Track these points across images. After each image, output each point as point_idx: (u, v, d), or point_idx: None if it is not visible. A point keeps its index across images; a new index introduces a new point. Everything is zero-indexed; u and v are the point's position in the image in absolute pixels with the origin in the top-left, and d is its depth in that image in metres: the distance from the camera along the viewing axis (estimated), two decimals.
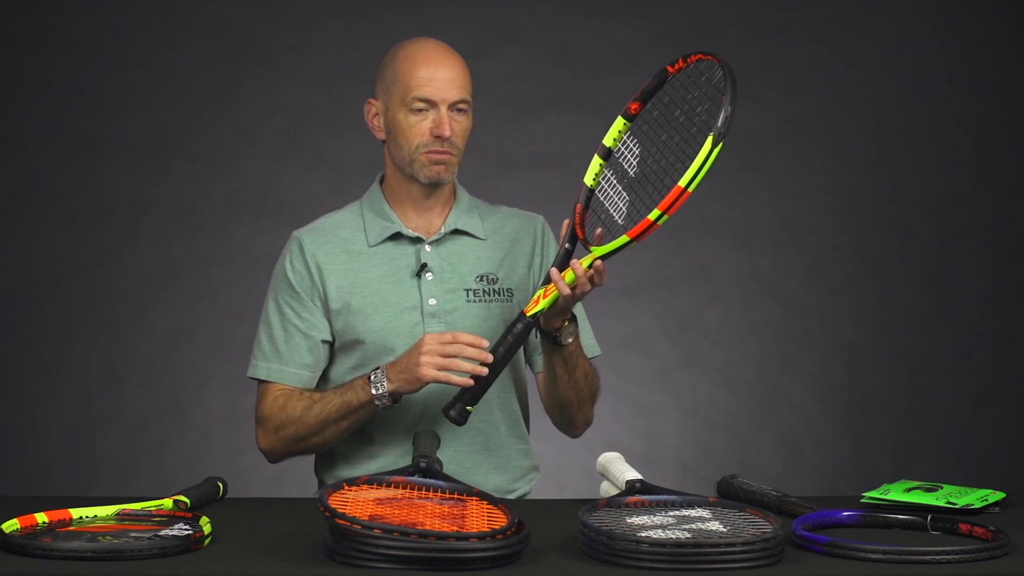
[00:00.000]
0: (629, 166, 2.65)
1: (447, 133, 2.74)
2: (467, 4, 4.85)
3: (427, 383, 2.63)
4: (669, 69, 2.65)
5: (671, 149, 2.59)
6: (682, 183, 2.48)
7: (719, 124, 2.47)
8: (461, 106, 2.77)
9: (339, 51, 4.77)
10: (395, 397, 2.68)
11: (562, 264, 2.62)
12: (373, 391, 2.67)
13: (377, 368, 2.69)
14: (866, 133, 4.89)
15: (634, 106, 2.68)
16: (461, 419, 2.59)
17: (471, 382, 2.60)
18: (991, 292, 4.88)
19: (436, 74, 2.75)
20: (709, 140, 2.47)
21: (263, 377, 2.81)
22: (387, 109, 2.79)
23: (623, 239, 2.55)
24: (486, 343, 2.61)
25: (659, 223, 2.51)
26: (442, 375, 2.61)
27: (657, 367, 4.87)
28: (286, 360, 2.79)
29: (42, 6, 4.75)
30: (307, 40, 4.82)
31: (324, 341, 2.81)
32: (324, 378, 2.85)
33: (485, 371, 2.60)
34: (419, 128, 2.76)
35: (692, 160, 2.48)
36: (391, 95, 2.78)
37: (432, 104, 2.75)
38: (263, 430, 2.79)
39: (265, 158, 4.82)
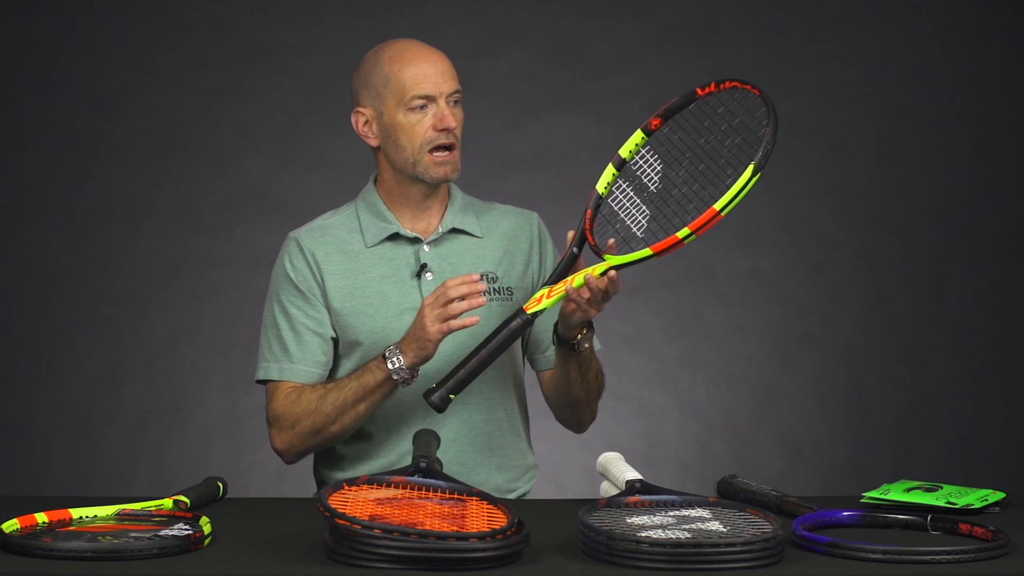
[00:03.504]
0: (650, 180, 2.64)
1: (452, 124, 2.75)
2: (467, 4, 4.85)
3: (438, 340, 2.63)
4: (699, 92, 2.62)
5: (700, 171, 2.58)
6: (717, 206, 2.48)
7: (760, 155, 2.46)
8: (456, 97, 2.78)
9: (339, 51, 4.76)
10: (413, 370, 2.68)
11: (567, 267, 2.62)
12: (390, 366, 2.67)
13: (389, 346, 2.69)
14: (866, 133, 4.89)
15: (655, 122, 2.66)
16: (442, 406, 2.57)
17: (477, 319, 2.61)
18: (991, 292, 4.88)
19: (428, 69, 2.76)
20: (750, 169, 2.46)
21: (274, 377, 2.78)
22: (380, 114, 2.78)
23: (645, 252, 2.54)
24: (475, 276, 2.62)
25: (686, 242, 2.51)
26: (446, 326, 2.62)
27: (658, 367, 4.87)
28: (297, 359, 2.78)
29: (42, 6, 4.75)
30: (307, 40, 4.82)
31: (332, 338, 2.80)
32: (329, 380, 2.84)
33: (484, 300, 2.61)
34: (421, 125, 2.76)
35: (721, 184, 2.48)
36: (383, 98, 2.77)
37: (431, 99, 2.75)
38: (277, 429, 2.77)
39: (265, 158, 4.82)
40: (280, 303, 2.81)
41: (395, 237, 2.83)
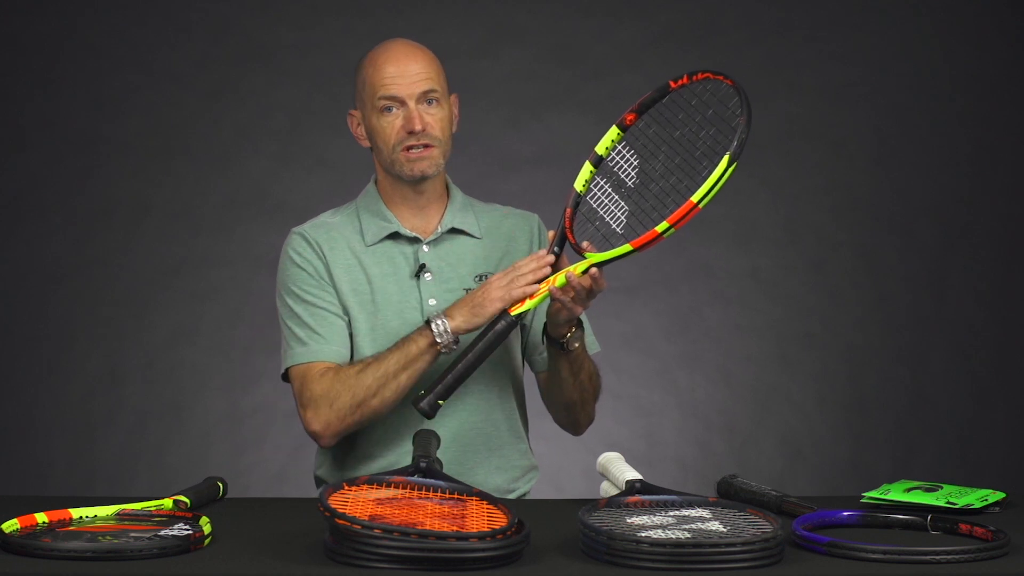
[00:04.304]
0: (627, 176, 2.64)
1: (417, 126, 2.75)
2: (467, 4, 4.85)
3: (496, 310, 2.62)
4: (671, 84, 2.63)
5: (677, 164, 2.58)
6: (694, 198, 2.48)
7: (735, 145, 2.47)
8: (431, 97, 2.77)
9: (339, 51, 4.76)
10: (457, 337, 2.67)
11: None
12: (434, 329, 2.66)
13: (431, 314, 2.69)
14: (866, 133, 4.89)
15: (630, 117, 2.66)
16: (431, 412, 2.58)
17: (537, 288, 2.61)
18: (991, 292, 4.88)
19: (399, 71, 2.76)
20: (725, 159, 2.47)
21: (303, 360, 2.75)
22: (364, 116, 2.81)
23: (625, 248, 2.55)
24: (541, 252, 2.64)
25: (665, 236, 2.52)
26: (507, 296, 2.62)
27: (657, 366, 4.87)
28: (325, 339, 2.76)
29: (42, 6, 4.75)
30: (307, 40, 4.82)
31: (347, 321, 2.80)
32: None
33: (548, 272, 2.61)
34: (392, 127, 2.77)
35: (698, 175, 2.49)
36: (364, 102, 2.80)
37: (400, 101, 2.76)
38: (315, 410, 2.72)
39: (265, 158, 4.82)
40: (293, 294, 2.80)
41: (395, 236, 2.83)
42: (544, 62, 4.87)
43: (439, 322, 2.66)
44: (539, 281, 2.62)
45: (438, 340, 2.67)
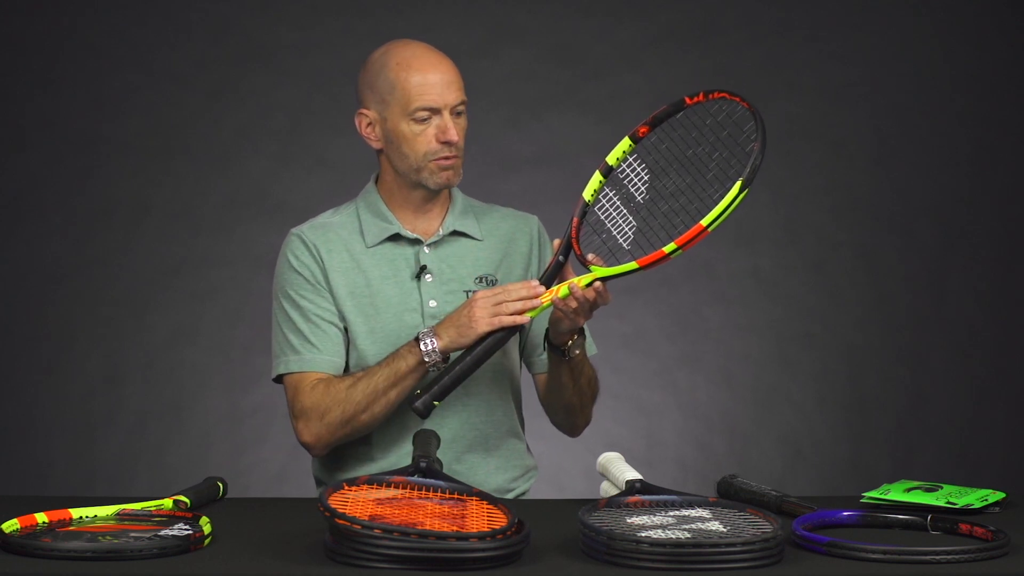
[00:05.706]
0: (636, 190, 2.63)
1: (455, 138, 2.74)
2: (467, 4, 4.85)
3: (483, 333, 2.62)
4: (687, 100, 2.61)
5: (687, 184, 2.57)
6: (704, 222, 2.48)
7: (748, 171, 2.46)
8: (460, 108, 2.77)
9: (339, 51, 4.77)
10: (445, 355, 2.67)
11: (553, 275, 2.63)
12: (422, 348, 2.65)
13: (422, 330, 2.68)
14: (866, 133, 4.89)
15: (643, 129, 2.65)
16: (426, 412, 2.59)
17: (527, 319, 2.60)
18: (991, 292, 4.88)
19: (434, 79, 2.74)
20: (737, 185, 2.47)
21: (295, 369, 2.76)
22: (384, 119, 2.77)
23: (631, 265, 2.55)
24: (535, 282, 2.61)
25: (672, 257, 2.52)
26: (496, 320, 2.60)
27: (657, 367, 4.87)
28: (318, 349, 2.76)
29: (42, 6, 4.75)
30: (307, 40, 4.82)
31: (345, 329, 2.80)
32: None
33: (538, 303, 2.59)
34: (425, 136, 2.74)
35: (708, 198, 2.49)
36: (388, 104, 2.76)
37: (435, 111, 2.74)
38: (306, 422, 2.73)
39: (265, 158, 4.82)
40: (290, 298, 2.80)
41: (396, 238, 2.83)
42: (544, 62, 4.87)
43: (427, 341, 2.66)
44: (529, 308, 2.61)
45: (426, 359, 2.66)
